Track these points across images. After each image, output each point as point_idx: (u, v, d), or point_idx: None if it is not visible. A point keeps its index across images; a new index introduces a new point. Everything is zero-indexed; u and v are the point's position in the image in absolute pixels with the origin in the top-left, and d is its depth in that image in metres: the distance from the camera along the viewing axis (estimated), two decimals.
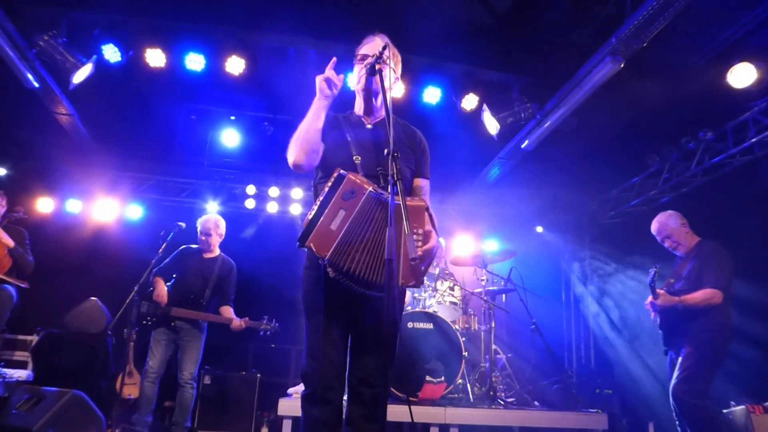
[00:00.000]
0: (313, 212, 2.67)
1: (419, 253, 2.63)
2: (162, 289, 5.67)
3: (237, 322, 5.77)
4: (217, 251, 6.10)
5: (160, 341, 5.60)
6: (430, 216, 2.75)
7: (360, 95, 3.25)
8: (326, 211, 2.65)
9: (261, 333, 5.99)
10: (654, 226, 4.96)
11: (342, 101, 3.34)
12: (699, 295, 4.45)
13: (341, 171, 2.72)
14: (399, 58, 3.35)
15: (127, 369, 6.38)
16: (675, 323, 4.61)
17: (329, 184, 2.71)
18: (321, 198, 2.69)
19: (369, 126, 3.16)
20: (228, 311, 5.84)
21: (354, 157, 2.92)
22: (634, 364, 7.71)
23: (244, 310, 6.04)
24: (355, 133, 3.06)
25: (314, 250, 2.63)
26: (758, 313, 5.64)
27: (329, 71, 2.88)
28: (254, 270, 6.39)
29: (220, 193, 9.05)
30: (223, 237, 6.18)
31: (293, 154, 2.93)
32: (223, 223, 6.20)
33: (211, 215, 6.21)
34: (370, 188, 2.67)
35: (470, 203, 9.72)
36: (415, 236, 2.64)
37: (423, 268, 2.70)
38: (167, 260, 5.89)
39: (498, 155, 7.79)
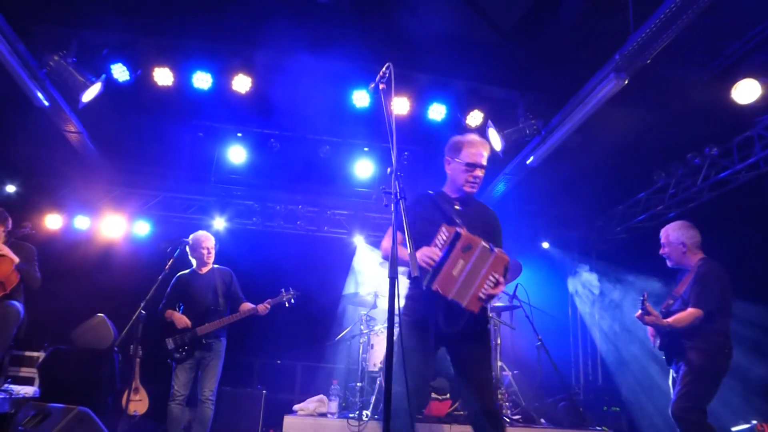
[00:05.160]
0: (435, 262, 3.32)
1: (488, 293, 3.29)
2: (181, 316, 5.69)
3: (261, 307, 5.86)
4: (211, 265, 6.09)
5: (185, 366, 5.62)
6: (506, 269, 3.38)
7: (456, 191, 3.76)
8: (447, 261, 3.34)
9: (287, 305, 6.05)
10: (662, 232, 4.93)
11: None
12: (682, 317, 4.42)
13: (457, 229, 3.37)
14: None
15: (133, 385, 6.38)
16: (674, 342, 4.57)
17: (444, 239, 3.36)
18: (441, 251, 3.33)
19: (458, 207, 3.71)
20: (246, 305, 5.89)
21: (456, 220, 3.52)
22: (642, 380, 7.64)
23: (254, 325, 6.04)
24: (449, 208, 3.66)
25: (440, 291, 3.30)
26: (765, 330, 5.60)
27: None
28: (262, 287, 6.39)
29: (226, 210, 9.10)
30: None
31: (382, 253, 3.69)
32: None
33: (205, 232, 6.17)
34: (483, 242, 3.34)
35: None
36: (490, 278, 3.29)
37: (485, 301, 3.33)
38: (167, 293, 5.83)
39: (503, 171, 7.81)
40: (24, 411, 4.63)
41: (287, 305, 6.06)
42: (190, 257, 5.97)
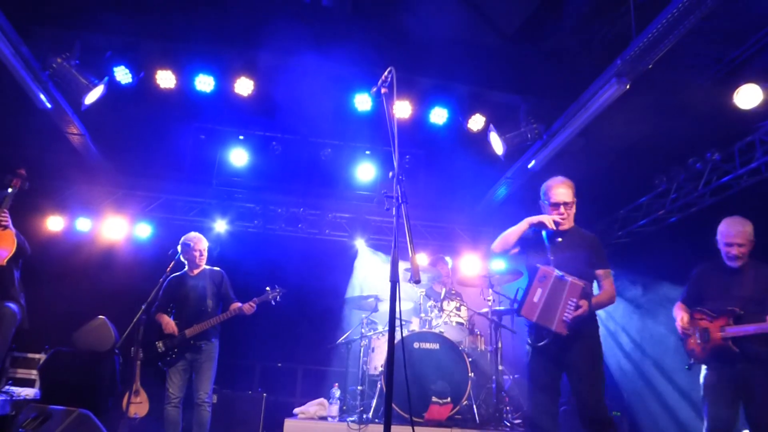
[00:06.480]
0: (521, 292, 4.15)
1: (571, 316, 3.83)
2: (168, 320, 5.70)
3: (246, 306, 5.81)
4: (203, 267, 6.10)
5: (177, 368, 5.63)
6: (587, 293, 3.92)
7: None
8: (529, 292, 4.04)
9: (273, 303, 6.01)
10: (735, 228, 4.69)
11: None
12: None
13: (537, 265, 4.06)
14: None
15: (134, 387, 6.37)
16: (751, 347, 4.35)
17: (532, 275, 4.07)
18: (527, 283, 4.09)
19: (560, 239, 4.21)
20: (234, 305, 5.84)
21: (549, 255, 4.11)
22: (643, 386, 7.62)
23: (255, 328, 5.99)
24: (551, 244, 4.19)
25: (525, 316, 4.04)
26: None
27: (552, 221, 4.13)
28: (263, 289, 6.38)
29: (228, 212, 9.10)
30: None
31: (496, 245, 4.31)
32: None
33: (197, 234, 6.11)
34: (556, 272, 3.92)
35: (477, 223, 9.73)
36: (569, 303, 3.83)
37: (570, 323, 3.86)
38: (159, 296, 5.80)
39: (505, 175, 7.81)
40: (25, 413, 4.64)
41: (273, 303, 6.03)
42: (182, 259, 5.96)
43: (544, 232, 4.25)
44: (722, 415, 4.42)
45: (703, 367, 4.62)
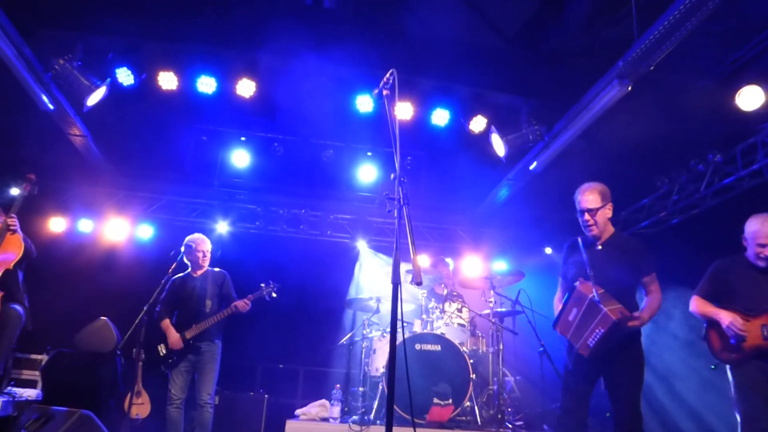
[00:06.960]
0: (559, 309, 4.22)
1: (595, 345, 3.86)
2: (174, 333, 5.69)
3: (241, 303, 5.79)
4: (206, 268, 6.10)
5: (180, 370, 5.64)
6: (619, 324, 3.76)
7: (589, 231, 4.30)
8: (566, 309, 4.11)
9: (267, 298, 6.00)
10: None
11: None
12: None
13: (576, 283, 4.06)
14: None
15: (136, 388, 6.38)
16: None
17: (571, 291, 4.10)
18: (564, 299, 4.15)
19: (599, 247, 4.28)
20: (232, 305, 5.84)
21: (588, 269, 4.06)
22: (648, 392, 7.60)
23: (257, 329, 5.98)
24: (589, 254, 4.17)
25: (559, 332, 4.16)
26: None
27: None
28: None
29: (229, 214, 9.10)
30: None
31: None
32: None
33: (201, 235, 6.14)
34: (591, 295, 3.88)
35: (479, 224, 9.72)
36: (597, 332, 3.83)
37: (593, 349, 3.91)
38: (162, 298, 5.81)
39: (506, 176, 7.81)
40: (27, 414, 4.64)
41: (268, 299, 6.02)
42: (186, 260, 5.97)
43: (580, 240, 4.28)
44: (760, 415, 4.28)
45: (728, 367, 4.50)
